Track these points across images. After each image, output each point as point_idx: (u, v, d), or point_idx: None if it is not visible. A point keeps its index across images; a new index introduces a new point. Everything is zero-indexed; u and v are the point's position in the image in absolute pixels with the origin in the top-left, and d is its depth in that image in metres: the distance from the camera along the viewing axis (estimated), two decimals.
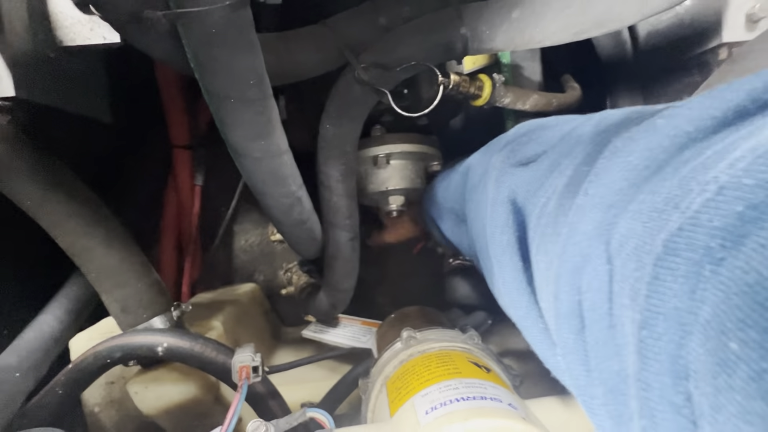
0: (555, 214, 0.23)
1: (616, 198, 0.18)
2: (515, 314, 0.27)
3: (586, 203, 0.20)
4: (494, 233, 0.29)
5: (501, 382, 0.26)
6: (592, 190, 0.19)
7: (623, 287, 0.16)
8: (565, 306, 0.20)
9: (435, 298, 0.74)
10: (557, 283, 0.21)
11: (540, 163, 0.27)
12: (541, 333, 0.25)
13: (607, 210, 0.18)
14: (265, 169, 0.34)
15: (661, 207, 0.15)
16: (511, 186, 0.28)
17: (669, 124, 0.17)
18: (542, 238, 0.24)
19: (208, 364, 0.40)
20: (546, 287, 0.23)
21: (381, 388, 0.30)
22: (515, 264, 0.27)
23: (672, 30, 0.57)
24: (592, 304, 0.18)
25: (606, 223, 0.18)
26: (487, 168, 0.34)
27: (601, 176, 0.19)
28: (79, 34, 0.46)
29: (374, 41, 0.40)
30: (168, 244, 0.70)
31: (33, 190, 0.40)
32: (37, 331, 0.45)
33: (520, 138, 0.32)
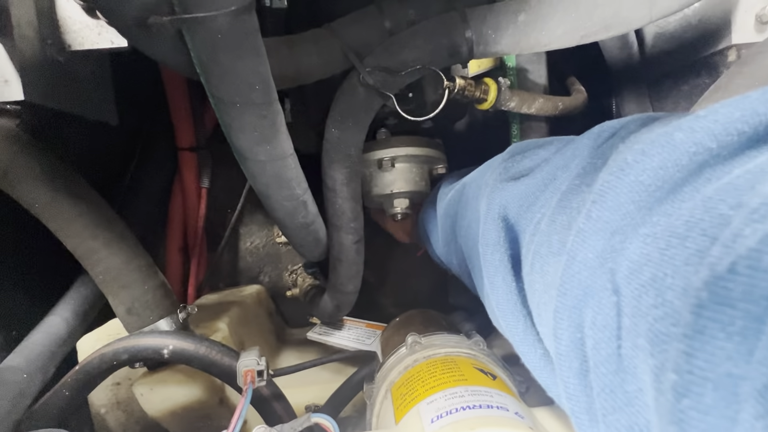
0: (548, 233, 0.21)
1: (622, 222, 0.16)
2: (512, 339, 0.25)
3: (587, 228, 0.17)
4: (486, 252, 0.27)
5: (507, 390, 0.26)
6: (595, 213, 0.17)
7: (637, 324, 0.14)
8: (565, 345, 0.18)
9: (439, 301, 0.74)
10: (555, 318, 0.19)
11: (532, 177, 0.26)
12: (540, 359, 0.23)
13: (611, 236, 0.16)
14: (269, 173, 0.34)
15: (683, 233, 0.13)
16: (502, 202, 0.27)
17: (689, 139, 0.15)
18: (536, 258, 0.22)
19: (213, 366, 0.40)
20: (544, 314, 0.21)
21: (386, 393, 0.30)
22: (508, 285, 0.25)
23: (680, 32, 0.56)
24: (596, 343, 0.16)
25: (610, 249, 0.16)
26: (480, 185, 0.33)
27: (606, 197, 0.17)
28: (87, 39, 0.47)
29: (379, 45, 0.40)
30: (174, 246, 0.71)
31: (41, 192, 0.40)
32: (44, 333, 0.46)
33: (515, 156, 0.30)
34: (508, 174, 0.29)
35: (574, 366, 0.18)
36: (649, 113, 0.21)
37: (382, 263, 0.76)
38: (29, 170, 0.40)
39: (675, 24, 0.56)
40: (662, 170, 0.15)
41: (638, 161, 0.16)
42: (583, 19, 0.32)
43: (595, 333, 0.16)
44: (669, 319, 0.12)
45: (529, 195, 0.25)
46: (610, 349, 0.16)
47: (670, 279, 0.13)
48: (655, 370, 0.13)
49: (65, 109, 0.49)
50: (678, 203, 0.14)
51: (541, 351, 0.23)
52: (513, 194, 0.26)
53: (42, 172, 0.41)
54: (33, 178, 0.40)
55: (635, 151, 0.17)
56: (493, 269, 0.26)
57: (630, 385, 0.15)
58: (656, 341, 0.13)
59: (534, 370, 0.24)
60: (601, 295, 0.16)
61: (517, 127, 0.54)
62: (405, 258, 0.76)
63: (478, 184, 0.34)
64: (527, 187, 0.25)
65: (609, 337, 0.16)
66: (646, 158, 0.16)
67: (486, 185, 0.30)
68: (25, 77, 0.43)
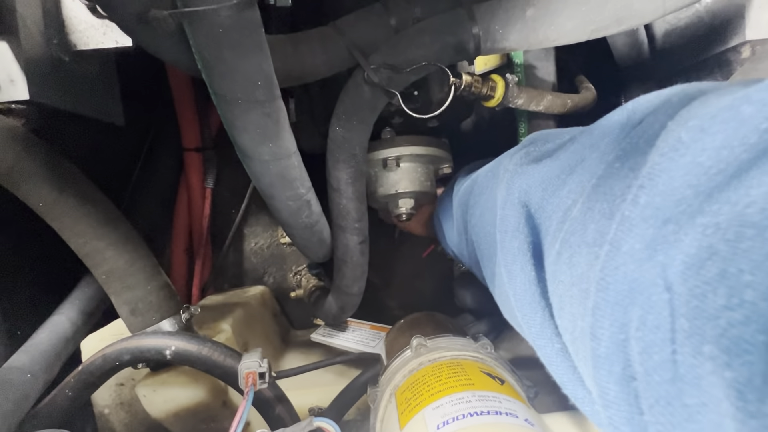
0: (583, 221, 0.19)
1: (676, 210, 0.14)
2: (528, 332, 0.24)
3: (634, 215, 0.15)
4: (504, 239, 0.26)
5: (516, 395, 0.25)
6: (644, 198, 0.15)
7: (701, 328, 0.12)
8: (606, 346, 0.16)
9: (445, 303, 0.73)
10: (594, 315, 0.16)
11: (556, 159, 0.24)
12: (558, 355, 0.21)
13: (663, 225, 0.14)
14: (273, 172, 0.34)
15: (761, 221, 0.11)
16: (523, 186, 0.25)
17: (760, 113, 0.13)
18: (565, 247, 0.20)
19: (215, 368, 0.39)
20: (568, 308, 0.19)
21: (390, 397, 0.29)
22: (527, 274, 0.23)
23: (691, 28, 0.55)
24: (646, 346, 0.14)
25: (662, 240, 0.14)
26: (496, 173, 0.31)
27: (657, 181, 0.15)
28: (92, 38, 0.47)
29: (384, 42, 0.39)
30: (179, 247, 0.71)
31: (45, 192, 0.40)
32: (49, 332, 0.46)
33: (537, 142, 0.29)
34: (530, 158, 0.27)
35: (616, 371, 0.16)
36: (692, 83, 0.18)
37: (387, 265, 0.75)
38: (34, 169, 0.40)
39: (686, 20, 0.55)
40: (726, 150, 0.13)
41: (696, 140, 0.14)
42: (594, 12, 0.32)
43: (645, 334, 0.14)
44: (754, 324, 0.11)
45: (554, 178, 0.23)
46: (664, 354, 0.14)
47: (749, 276, 0.11)
48: (738, 386, 0.11)
49: (70, 108, 0.50)
50: (745, 189, 0.12)
51: (559, 346, 0.21)
52: (535, 178, 0.24)
53: (47, 171, 0.41)
54: (38, 177, 0.40)
55: (691, 128, 0.14)
56: (511, 257, 0.24)
57: (691, 398, 0.13)
58: (736, 350, 0.11)
59: (550, 365, 0.22)
60: (651, 291, 0.14)
61: (525, 125, 0.53)
62: (410, 259, 0.75)
63: (494, 173, 0.33)
64: (550, 169, 0.24)
65: (662, 340, 0.14)
66: (705, 136, 0.14)
67: (506, 171, 0.28)
68: (31, 77, 0.43)
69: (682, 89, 0.18)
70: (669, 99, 0.18)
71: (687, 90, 0.18)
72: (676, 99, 0.18)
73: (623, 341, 0.15)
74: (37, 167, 0.40)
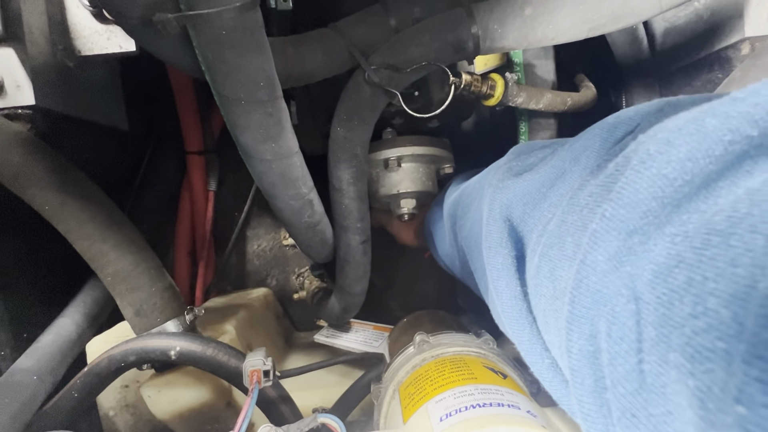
0: (559, 234, 0.19)
1: (642, 222, 0.14)
2: (519, 347, 0.24)
3: (600, 228, 0.16)
4: (489, 255, 0.25)
5: (518, 389, 0.25)
6: (610, 211, 0.15)
7: (668, 336, 0.12)
8: (577, 358, 0.16)
9: (448, 303, 0.73)
10: (567, 329, 0.17)
11: (536, 172, 0.24)
12: (549, 370, 0.21)
13: (628, 236, 0.15)
14: (275, 171, 0.34)
15: (726, 229, 0.11)
16: (504, 201, 0.25)
17: (723, 125, 0.13)
18: (543, 261, 0.20)
19: (219, 368, 0.39)
20: (552, 322, 0.19)
21: (393, 393, 0.29)
22: (512, 290, 0.23)
23: (690, 26, 0.55)
24: (612, 357, 0.14)
25: (627, 251, 0.14)
26: (483, 185, 0.31)
27: (623, 193, 0.15)
28: (97, 44, 0.47)
29: (384, 43, 0.39)
30: (182, 249, 0.71)
31: (51, 195, 0.41)
32: (55, 335, 0.46)
33: (521, 156, 0.29)
34: (512, 173, 0.27)
35: (588, 383, 0.16)
36: (670, 98, 0.19)
37: (389, 265, 0.76)
38: (40, 173, 0.41)
39: (685, 18, 0.55)
40: (691, 162, 0.13)
41: (662, 152, 0.14)
42: (592, 10, 0.32)
43: (611, 346, 0.14)
44: (715, 332, 0.11)
45: (535, 192, 0.23)
46: (629, 364, 0.14)
47: (713, 283, 0.11)
48: (699, 394, 0.11)
49: (75, 113, 0.50)
50: (713, 198, 0.13)
51: (549, 361, 0.21)
52: (516, 192, 0.24)
53: (52, 175, 0.41)
54: (43, 181, 0.41)
55: (658, 141, 0.14)
56: (497, 273, 0.24)
57: (656, 407, 0.13)
58: (698, 358, 0.11)
59: (543, 381, 0.22)
60: (615, 302, 0.14)
61: (525, 124, 0.54)
62: (413, 260, 0.75)
63: (481, 185, 0.33)
64: (531, 183, 0.24)
65: (627, 351, 0.14)
66: (671, 149, 0.14)
67: (489, 185, 0.29)
68: (37, 82, 0.44)
69: (662, 103, 0.18)
70: (648, 113, 0.19)
71: (662, 104, 0.18)
72: (653, 113, 0.18)
73: (593, 353, 0.15)
74: (43, 171, 0.41)
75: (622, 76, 0.59)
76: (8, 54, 0.43)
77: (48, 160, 0.42)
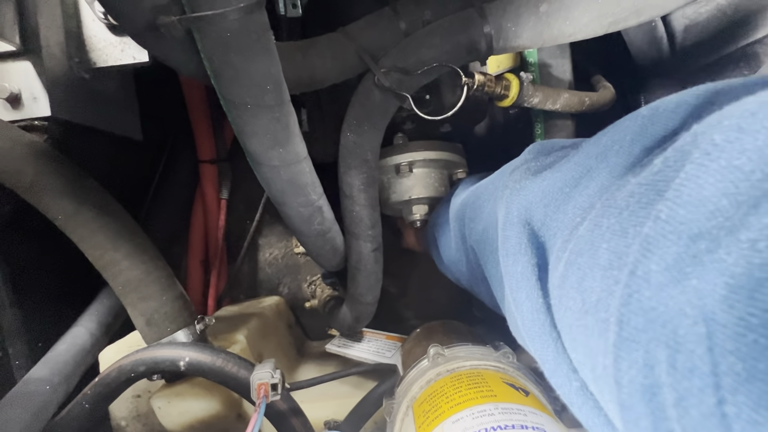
0: (591, 240, 0.17)
1: (709, 224, 0.12)
2: (543, 367, 0.21)
3: (655, 232, 0.13)
4: (507, 263, 0.23)
5: (542, 407, 0.24)
6: (666, 212, 0.13)
7: (760, 370, 0.10)
8: (629, 394, 0.13)
9: (463, 312, 0.71)
10: (616, 356, 0.14)
11: (557, 170, 0.22)
12: (577, 394, 0.19)
13: (691, 242, 0.12)
14: (283, 178, 0.34)
15: None
16: (523, 203, 0.23)
17: None
18: (571, 269, 0.18)
19: (229, 379, 0.39)
20: (581, 339, 0.17)
21: (407, 410, 0.28)
22: (534, 301, 0.21)
23: (713, 22, 0.53)
24: (679, 397, 0.12)
25: (690, 261, 0.12)
26: (497, 186, 0.29)
27: (683, 190, 0.13)
28: (111, 56, 0.48)
29: (394, 46, 0.39)
30: (195, 258, 0.71)
31: (65, 205, 0.41)
32: (68, 344, 0.46)
33: (538, 154, 0.26)
34: (531, 173, 0.25)
35: (645, 425, 0.13)
36: (715, 83, 0.16)
37: (403, 273, 0.74)
38: (54, 183, 0.41)
39: (707, 14, 0.53)
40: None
41: (732, 141, 0.12)
42: (611, 4, 0.30)
43: (677, 381, 0.12)
44: None
45: (556, 192, 0.21)
46: (706, 406, 0.11)
47: None
48: None
49: (90, 124, 0.51)
50: None
51: (578, 384, 0.19)
52: (536, 193, 0.22)
53: (66, 184, 0.41)
54: (57, 190, 0.41)
55: (727, 129, 0.12)
56: (515, 282, 0.22)
57: None
58: None
59: (572, 406, 0.19)
60: (677, 323, 0.12)
61: (541, 126, 0.52)
62: (427, 267, 0.73)
63: (494, 185, 0.31)
64: (552, 182, 0.21)
65: (700, 388, 0.11)
66: (744, 136, 0.12)
67: (505, 186, 0.26)
68: (53, 94, 0.45)
69: (708, 89, 0.16)
70: (697, 101, 0.16)
71: (712, 91, 0.16)
72: (704, 101, 0.16)
73: (650, 388, 0.13)
74: (57, 181, 0.41)
75: (640, 76, 0.57)
76: (26, 67, 0.44)
77: (62, 170, 0.42)
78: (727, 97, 0.14)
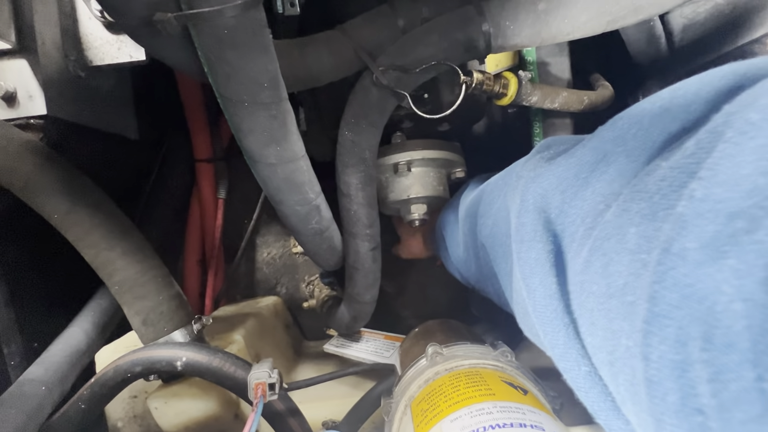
0: (619, 225, 0.16)
1: (746, 202, 0.12)
2: (552, 352, 0.21)
3: (690, 211, 0.13)
4: (520, 250, 0.23)
5: (540, 406, 0.23)
6: (701, 191, 0.13)
7: None
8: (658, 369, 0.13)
9: (461, 311, 0.71)
10: (646, 332, 0.14)
11: (571, 156, 0.21)
12: (586, 379, 0.19)
13: (728, 221, 0.12)
14: (280, 176, 0.33)
15: None
16: (538, 191, 0.23)
17: None
18: (595, 255, 0.17)
19: (226, 379, 0.38)
20: (602, 323, 0.17)
21: (405, 409, 0.27)
22: (547, 287, 0.21)
23: (711, 21, 0.53)
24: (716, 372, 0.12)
25: (728, 239, 0.12)
26: (508, 180, 0.29)
27: (718, 169, 0.12)
28: (108, 54, 0.48)
29: (392, 44, 0.39)
30: (192, 258, 0.71)
31: (60, 204, 0.41)
32: (64, 344, 0.46)
33: (551, 146, 0.26)
34: (544, 161, 0.25)
35: (672, 400, 0.13)
36: (738, 63, 0.16)
37: (401, 272, 0.74)
38: (49, 182, 0.41)
39: (705, 13, 0.53)
40: None
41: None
42: (610, 2, 0.30)
43: (714, 356, 0.12)
44: None
45: (572, 178, 0.21)
46: (745, 381, 0.11)
47: None
48: None
49: (86, 123, 0.51)
50: None
51: (587, 369, 0.19)
52: (551, 181, 0.22)
53: (61, 183, 0.41)
54: (53, 189, 0.41)
55: (763, 107, 0.12)
56: (529, 269, 0.22)
57: None
58: None
59: (578, 390, 0.20)
60: (715, 299, 0.12)
61: (540, 125, 0.52)
62: (425, 267, 0.73)
63: (505, 181, 0.31)
64: (566, 169, 0.21)
65: (738, 363, 0.11)
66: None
67: (519, 177, 0.26)
68: (48, 93, 0.44)
69: (733, 70, 0.16)
70: (722, 82, 0.16)
71: (737, 73, 0.15)
72: (732, 82, 0.15)
73: (681, 363, 0.13)
74: (52, 180, 0.41)
75: (638, 76, 0.57)
76: (21, 65, 0.44)
77: (57, 168, 0.42)
78: (756, 79, 0.14)
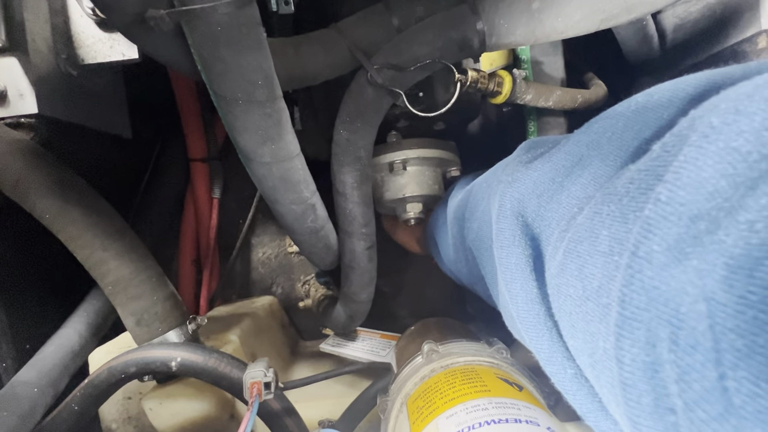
0: (590, 228, 0.17)
1: (708, 204, 0.12)
2: (538, 356, 0.21)
3: (655, 214, 0.13)
4: (501, 255, 0.24)
5: (536, 402, 0.24)
6: (666, 194, 0.13)
7: (760, 345, 0.10)
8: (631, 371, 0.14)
9: (457, 310, 0.71)
10: (618, 335, 0.14)
11: (548, 160, 0.22)
12: (572, 381, 0.19)
13: (691, 223, 0.12)
14: (275, 175, 0.33)
15: None
16: (515, 195, 0.23)
17: None
18: (570, 258, 0.18)
19: (221, 379, 0.38)
20: (581, 325, 0.17)
21: (401, 407, 0.27)
22: (528, 292, 0.21)
23: (703, 21, 0.54)
24: (682, 372, 0.12)
25: (691, 241, 0.12)
26: (491, 183, 0.29)
27: (682, 173, 0.13)
28: (100, 52, 0.47)
29: (387, 42, 0.39)
30: (186, 258, 0.70)
31: (52, 203, 0.40)
32: (57, 346, 0.45)
33: (530, 149, 0.27)
34: (522, 165, 0.25)
35: (646, 402, 0.13)
36: (712, 71, 0.16)
37: (396, 272, 0.74)
38: (40, 181, 0.40)
39: (697, 13, 0.54)
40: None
41: (729, 123, 0.12)
42: (603, 1, 0.30)
43: (680, 357, 0.12)
44: None
45: (548, 182, 0.21)
46: (708, 381, 0.11)
47: None
48: None
49: (78, 121, 0.50)
50: None
51: (572, 371, 0.19)
52: (527, 185, 0.22)
53: (53, 182, 0.41)
54: (44, 188, 0.40)
55: (723, 112, 0.12)
56: (510, 274, 0.22)
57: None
58: None
59: (566, 393, 0.20)
60: (679, 301, 0.12)
61: (534, 123, 0.52)
62: (421, 266, 0.73)
63: (488, 183, 0.31)
64: (543, 173, 0.22)
65: (703, 363, 0.11)
66: (741, 118, 0.12)
67: (498, 182, 0.27)
68: (40, 91, 0.44)
69: (706, 77, 0.16)
70: (694, 89, 0.16)
71: (708, 79, 0.16)
72: (702, 88, 0.16)
73: (651, 365, 0.13)
74: (43, 179, 0.40)
75: (631, 74, 0.58)
76: (11, 63, 0.43)
77: (49, 168, 0.41)
78: (724, 86, 0.15)
